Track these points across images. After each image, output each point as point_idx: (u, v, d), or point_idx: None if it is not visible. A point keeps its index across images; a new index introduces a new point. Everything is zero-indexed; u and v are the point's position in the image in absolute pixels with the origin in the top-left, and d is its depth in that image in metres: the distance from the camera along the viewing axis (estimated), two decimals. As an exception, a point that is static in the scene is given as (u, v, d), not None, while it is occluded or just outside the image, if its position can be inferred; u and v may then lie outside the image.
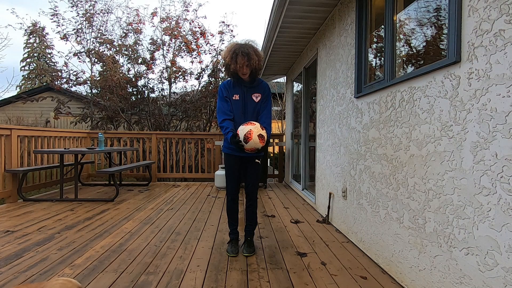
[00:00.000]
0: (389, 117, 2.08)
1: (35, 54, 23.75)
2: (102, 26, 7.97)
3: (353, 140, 2.70)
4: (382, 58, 2.31)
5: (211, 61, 8.05)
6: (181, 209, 3.78)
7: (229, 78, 2.39)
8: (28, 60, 24.02)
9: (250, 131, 2.09)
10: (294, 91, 5.86)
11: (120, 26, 8.07)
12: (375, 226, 2.26)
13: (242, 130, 2.11)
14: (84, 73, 7.92)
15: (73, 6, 7.70)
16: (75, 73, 7.82)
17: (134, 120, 7.99)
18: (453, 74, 1.49)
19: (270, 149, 6.70)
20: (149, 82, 7.97)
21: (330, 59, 3.37)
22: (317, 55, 3.90)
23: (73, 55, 7.77)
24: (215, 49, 8.02)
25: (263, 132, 2.14)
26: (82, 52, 7.79)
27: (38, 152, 4.09)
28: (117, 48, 7.79)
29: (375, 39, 2.53)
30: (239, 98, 2.34)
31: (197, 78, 8.09)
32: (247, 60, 2.16)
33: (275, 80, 9.51)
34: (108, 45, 7.75)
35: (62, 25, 7.75)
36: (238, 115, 2.36)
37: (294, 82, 5.79)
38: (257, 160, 2.35)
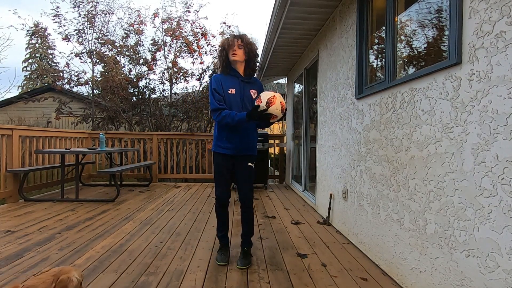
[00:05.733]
0: (390, 119, 2.08)
1: (37, 55, 23.83)
2: (104, 27, 8.00)
3: (353, 141, 2.70)
4: (383, 59, 2.31)
5: (212, 62, 8.08)
6: (181, 209, 3.78)
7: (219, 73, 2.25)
8: (30, 60, 24.12)
9: (274, 96, 1.98)
10: (295, 92, 5.86)
11: (122, 27, 8.14)
12: (375, 228, 2.25)
13: (264, 95, 2.00)
14: (85, 73, 7.97)
15: (75, 7, 7.73)
16: (76, 73, 7.86)
17: (135, 121, 8.00)
18: (454, 75, 1.48)
19: (270, 150, 6.69)
20: (150, 82, 8.01)
21: (331, 60, 3.37)
22: (318, 56, 3.90)
23: (75, 55, 7.81)
24: (216, 50, 8.04)
25: (283, 102, 2.02)
26: (83, 52, 7.82)
27: (39, 152, 4.10)
28: (119, 49, 7.82)
29: (376, 40, 2.53)
30: (235, 92, 2.15)
31: (198, 79, 8.12)
32: (240, 40, 2.15)
33: (276, 81, 9.52)
34: (109, 45, 7.78)
35: (64, 26, 7.79)
36: (236, 110, 2.15)
37: (295, 83, 5.80)
38: (250, 164, 2.20)
